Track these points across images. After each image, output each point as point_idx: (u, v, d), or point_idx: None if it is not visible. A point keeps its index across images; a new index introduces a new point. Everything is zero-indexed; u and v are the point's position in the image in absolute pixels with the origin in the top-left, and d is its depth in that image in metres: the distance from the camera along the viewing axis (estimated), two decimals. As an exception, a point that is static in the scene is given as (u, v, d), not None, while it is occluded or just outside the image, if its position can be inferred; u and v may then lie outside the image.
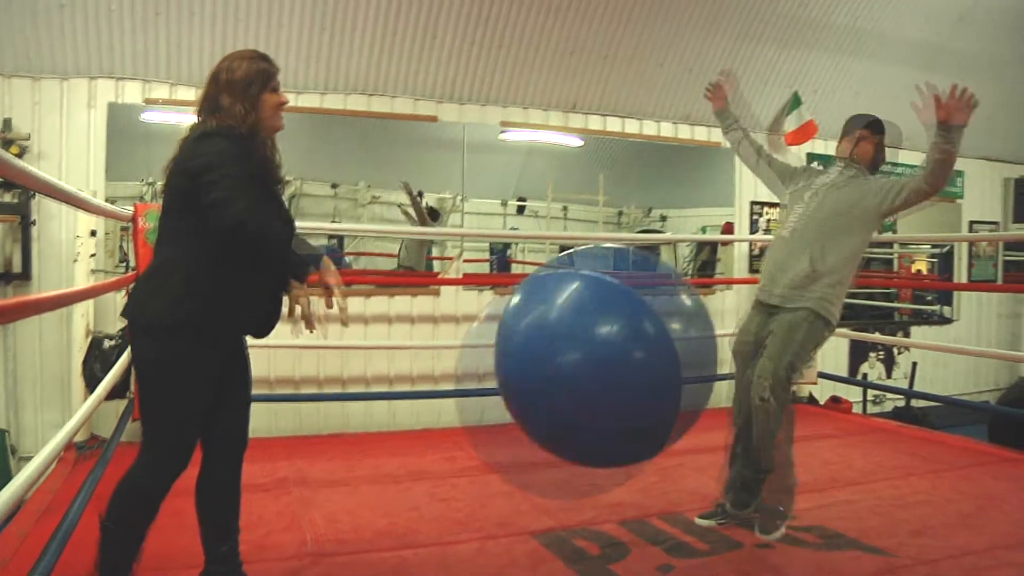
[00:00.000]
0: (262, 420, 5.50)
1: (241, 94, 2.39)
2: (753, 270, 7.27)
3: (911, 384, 7.33)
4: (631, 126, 6.85)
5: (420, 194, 7.62)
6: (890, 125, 3.55)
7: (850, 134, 3.51)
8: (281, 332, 2.53)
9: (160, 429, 2.34)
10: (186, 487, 2.46)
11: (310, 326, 2.49)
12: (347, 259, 8.46)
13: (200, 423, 2.39)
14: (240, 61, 2.45)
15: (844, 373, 7.68)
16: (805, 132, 7.15)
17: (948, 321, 8.56)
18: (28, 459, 3.50)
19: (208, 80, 2.46)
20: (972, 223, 8.64)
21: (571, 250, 2.82)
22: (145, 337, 2.34)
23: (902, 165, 8.10)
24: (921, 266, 9.96)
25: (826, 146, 7.65)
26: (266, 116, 2.45)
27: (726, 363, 3.67)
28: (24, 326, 5.02)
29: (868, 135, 3.48)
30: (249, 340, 2.55)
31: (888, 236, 9.17)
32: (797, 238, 3.34)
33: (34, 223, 5.07)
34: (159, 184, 2.45)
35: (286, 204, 2.62)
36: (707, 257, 8.72)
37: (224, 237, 2.21)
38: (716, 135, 7.13)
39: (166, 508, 2.43)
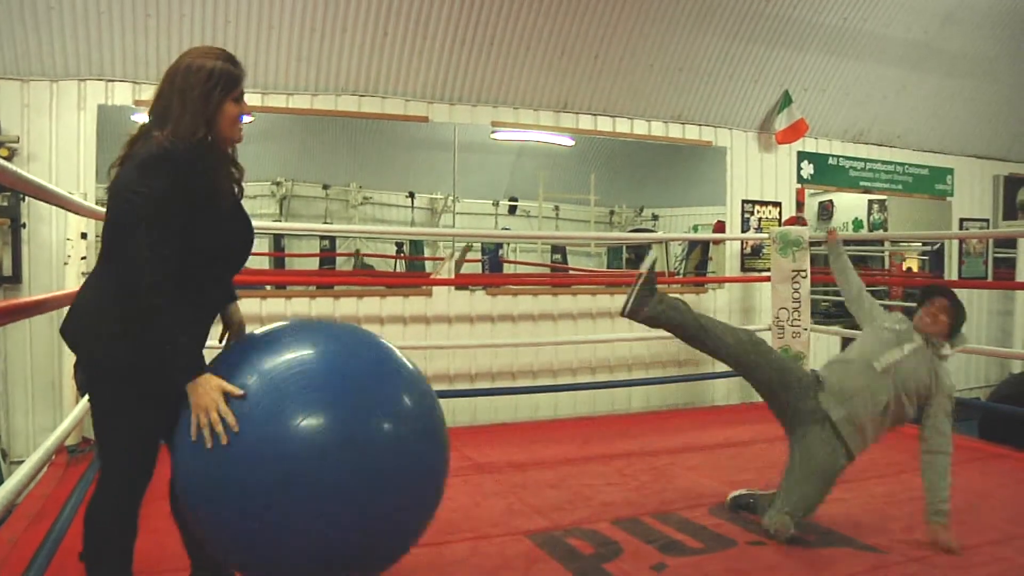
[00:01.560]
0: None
1: (197, 103, 2.14)
2: (745, 268, 7.29)
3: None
4: (622, 125, 6.85)
5: (411, 195, 7.62)
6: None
7: (928, 306, 3.53)
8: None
9: (112, 455, 2.20)
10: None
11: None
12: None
13: (156, 442, 2.24)
14: (202, 61, 2.19)
15: (836, 371, 7.70)
16: (796, 131, 7.19)
17: (939, 318, 8.59)
18: (19, 463, 3.49)
19: (164, 78, 2.20)
20: (962, 220, 8.68)
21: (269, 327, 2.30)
22: (90, 369, 2.19)
23: (893, 163, 8.14)
24: (912, 264, 10.01)
25: (817, 144, 7.69)
26: (224, 128, 2.21)
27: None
28: (15, 329, 5.00)
29: (945, 307, 3.50)
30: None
31: (879, 234, 9.23)
32: (886, 382, 3.33)
33: (24, 226, 5.05)
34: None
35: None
36: (700, 257, 8.75)
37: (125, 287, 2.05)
38: (707, 134, 7.16)
39: (157, 511, 2.42)
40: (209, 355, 2.26)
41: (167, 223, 2.05)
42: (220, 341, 2.50)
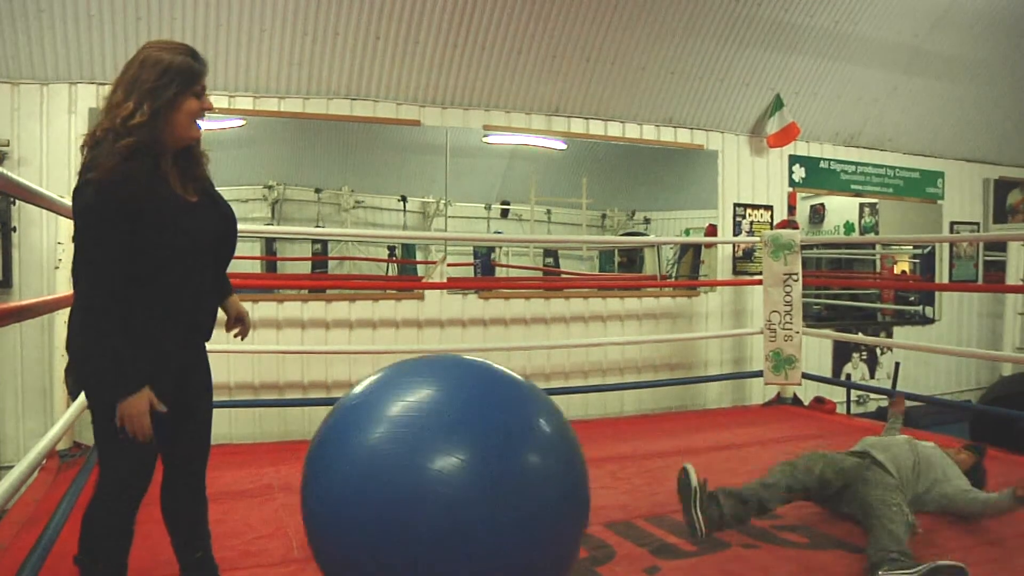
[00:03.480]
0: (247, 426, 5.49)
1: (146, 95, 2.08)
2: (737, 272, 7.31)
3: (894, 384, 7.37)
4: (614, 129, 6.87)
5: (403, 198, 7.61)
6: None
7: (963, 449, 3.80)
8: (267, 338, 2.52)
9: (111, 462, 2.21)
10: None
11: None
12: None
13: (154, 450, 2.25)
14: (159, 54, 2.11)
15: (828, 374, 7.73)
16: (787, 134, 7.22)
17: (930, 321, 8.63)
18: (9, 468, 3.47)
19: (121, 71, 2.15)
20: (953, 224, 8.72)
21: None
22: (89, 389, 2.19)
23: (884, 166, 8.17)
24: (903, 267, 10.04)
25: (808, 148, 7.72)
26: (179, 125, 2.13)
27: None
28: (5, 334, 4.98)
29: (973, 460, 3.71)
30: (233, 345, 2.52)
31: (870, 238, 9.26)
32: (919, 469, 3.47)
33: (15, 230, 5.03)
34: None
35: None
36: (692, 261, 8.74)
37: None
38: (698, 137, 7.18)
39: (149, 516, 2.41)
40: (213, 357, 2.28)
41: (109, 231, 2.03)
42: (227, 331, 2.58)
